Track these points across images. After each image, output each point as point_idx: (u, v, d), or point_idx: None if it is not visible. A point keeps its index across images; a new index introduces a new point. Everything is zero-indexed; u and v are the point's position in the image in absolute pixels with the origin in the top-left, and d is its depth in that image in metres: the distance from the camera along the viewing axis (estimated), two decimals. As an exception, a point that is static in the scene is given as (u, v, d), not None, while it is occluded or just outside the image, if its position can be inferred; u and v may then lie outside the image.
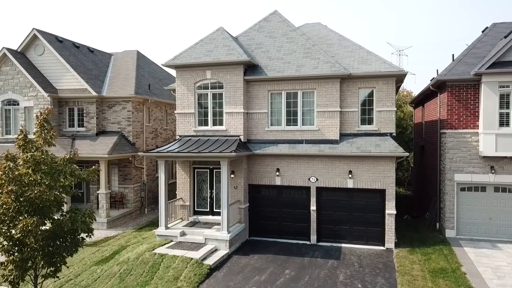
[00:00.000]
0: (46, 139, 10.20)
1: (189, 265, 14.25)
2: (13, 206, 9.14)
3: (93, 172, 11.02)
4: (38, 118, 10.41)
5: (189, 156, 16.78)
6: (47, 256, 9.62)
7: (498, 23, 21.87)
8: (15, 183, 9.34)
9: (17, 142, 10.23)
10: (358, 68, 17.54)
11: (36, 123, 10.45)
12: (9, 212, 9.16)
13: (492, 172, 17.23)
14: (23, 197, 9.09)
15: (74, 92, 23.02)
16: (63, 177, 10.00)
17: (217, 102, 18.42)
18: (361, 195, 17.25)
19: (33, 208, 9.41)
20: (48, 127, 10.41)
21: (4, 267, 9.43)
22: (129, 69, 26.59)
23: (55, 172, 9.96)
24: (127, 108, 23.30)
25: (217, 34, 19.27)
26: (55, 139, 10.66)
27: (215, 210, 18.69)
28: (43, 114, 10.44)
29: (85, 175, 10.75)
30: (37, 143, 10.19)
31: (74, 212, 10.16)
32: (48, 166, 9.88)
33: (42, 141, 10.17)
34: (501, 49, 16.56)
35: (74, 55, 24.68)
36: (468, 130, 17.57)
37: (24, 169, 9.53)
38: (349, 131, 17.54)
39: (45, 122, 10.40)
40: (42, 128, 10.32)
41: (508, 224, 17.36)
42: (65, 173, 10.12)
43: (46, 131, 10.31)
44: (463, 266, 14.38)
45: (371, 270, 14.48)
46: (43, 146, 10.21)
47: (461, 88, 17.64)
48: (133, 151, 22.88)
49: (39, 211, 9.55)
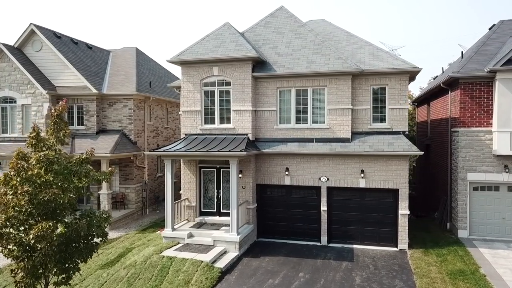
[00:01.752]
0: (59, 137, 9.56)
1: (199, 269, 13.70)
2: (25, 208, 8.49)
3: (109, 173, 10.39)
4: (52, 114, 9.73)
5: (197, 155, 16.21)
6: (60, 263, 8.97)
7: (506, 20, 21.56)
8: (29, 184, 8.70)
9: (29, 140, 9.54)
10: (369, 64, 17.10)
11: (50, 120, 9.78)
12: (21, 215, 8.52)
13: (506, 171, 16.89)
14: (36, 199, 8.43)
15: (73, 90, 22.31)
16: (77, 178, 9.38)
17: (224, 99, 17.87)
18: (373, 195, 16.82)
19: (46, 211, 8.77)
20: (62, 124, 9.76)
21: (14, 274, 8.76)
22: (129, 66, 25.91)
23: (68, 172, 9.34)
24: (128, 106, 22.65)
25: (224, 30, 18.71)
26: (68, 137, 10.02)
27: (222, 211, 18.15)
28: (57, 110, 9.77)
29: (101, 176, 10.12)
30: (49, 141, 9.55)
31: (88, 215, 9.53)
32: (61, 166, 9.25)
33: (55, 139, 9.53)
34: (516, 45, 16.20)
35: (72, 51, 23.95)
36: (481, 128, 17.21)
37: (36, 169, 8.88)
38: (361, 129, 17.10)
39: (59, 118, 9.74)
40: (55, 125, 9.66)
41: (522, 224, 17.05)
42: (80, 174, 9.51)
43: (59, 128, 9.66)
44: (481, 268, 14.00)
45: (387, 272, 14.05)
46: (56, 144, 9.57)
47: (474, 85, 17.28)
48: (135, 150, 22.25)
49: (52, 214, 8.92)
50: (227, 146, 16.22)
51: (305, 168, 17.24)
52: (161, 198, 26.01)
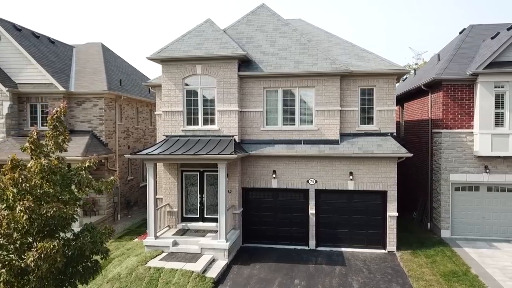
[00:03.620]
0: (58, 142, 8.39)
1: (191, 280, 12.87)
2: (23, 225, 7.25)
3: (110, 182, 9.33)
4: (52, 117, 8.52)
5: (185, 159, 15.27)
6: (58, 287, 7.81)
7: (476, 25, 22.25)
8: (32, 198, 7.49)
9: (27, 145, 8.24)
10: (357, 65, 16.93)
11: (49, 123, 8.57)
12: (15, 233, 7.28)
13: (486, 172, 17.32)
14: (36, 215, 7.23)
15: (38, 87, 20.54)
16: (77, 189, 8.28)
17: (208, 99, 17.05)
18: (361, 197, 16.67)
19: (44, 228, 7.60)
20: (61, 128, 8.57)
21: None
22: (96, 62, 24.32)
23: (68, 182, 8.22)
24: (99, 105, 21.18)
25: (206, 26, 17.88)
26: (67, 143, 8.84)
27: (206, 216, 17.32)
28: (58, 112, 8.57)
29: (103, 186, 9.05)
30: (48, 147, 8.35)
31: (89, 231, 8.42)
32: (61, 176, 8.12)
33: (54, 146, 8.36)
34: (497, 50, 16.60)
35: (34, 45, 22.10)
36: (463, 130, 17.55)
37: (39, 179, 7.69)
38: (349, 131, 16.90)
39: (59, 122, 8.56)
40: (55, 129, 8.47)
41: (501, 223, 17.55)
42: (82, 184, 8.41)
43: (58, 133, 8.48)
44: (472, 268, 14.18)
45: (382, 276, 13.89)
46: (55, 151, 8.41)
47: (456, 87, 17.58)
48: (106, 152, 20.84)
49: (52, 232, 7.77)
50: (214, 148, 15.44)
51: (293, 170, 16.79)
52: (132, 202, 24.67)
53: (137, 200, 25.64)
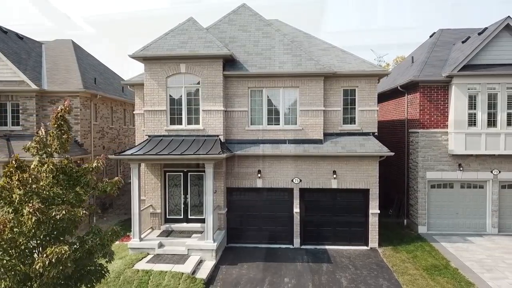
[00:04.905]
0: (62, 142, 8.01)
1: (181, 282, 12.69)
2: (30, 229, 6.85)
3: (115, 184, 9.01)
4: (56, 115, 8.12)
5: (170, 159, 15.03)
6: None
7: (445, 29, 23.23)
8: (40, 200, 7.09)
9: (33, 145, 7.80)
10: (339, 66, 17.27)
11: (53, 122, 8.15)
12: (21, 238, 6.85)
13: (460, 170, 18.15)
14: (45, 217, 6.85)
15: (7, 85, 19.57)
16: (83, 190, 7.95)
17: (193, 98, 16.87)
18: (344, 196, 17.01)
19: (52, 232, 7.23)
20: (65, 128, 8.18)
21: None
22: (68, 60, 23.46)
23: (74, 183, 7.87)
24: (74, 105, 20.42)
25: (189, 25, 17.66)
26: (70, 143, 8.45)
27: (190, 217, 17.13)
28: (62, 110, 8.17)
29: (108, 188, 8.74)
30: (52, 147, 7.94)
31: (95, 233, 8.09)
32: (68, 177, 7.76)
33: (58, 145, 7.96)
34: (470, 53, 17.42)
35: (3, 41, 21.06)
36: (438, 129, 18.29)
37: (49, 180, 7.30)
38: (332, 130, 17.21)
39: (63, 121, 8.16)
40: (59, 129, 8.07)
41: (472, 218, 18.43)
42: (89, 185, 8.07)
43: (62, 132, 8.10)
44: (451, 262, 14.81)
45: (368, 272, 14.25)
46: (60, 151, 8.01)
47: (432, 89, 18.30)
48: (82, 153, 20.16)
49: (59, 235, 7.41)
50: (200, 148, 15.30)
51: (278, 170, 16.91)
52: (107, 204, 23.98)
53: (112, 202, 24.94)
